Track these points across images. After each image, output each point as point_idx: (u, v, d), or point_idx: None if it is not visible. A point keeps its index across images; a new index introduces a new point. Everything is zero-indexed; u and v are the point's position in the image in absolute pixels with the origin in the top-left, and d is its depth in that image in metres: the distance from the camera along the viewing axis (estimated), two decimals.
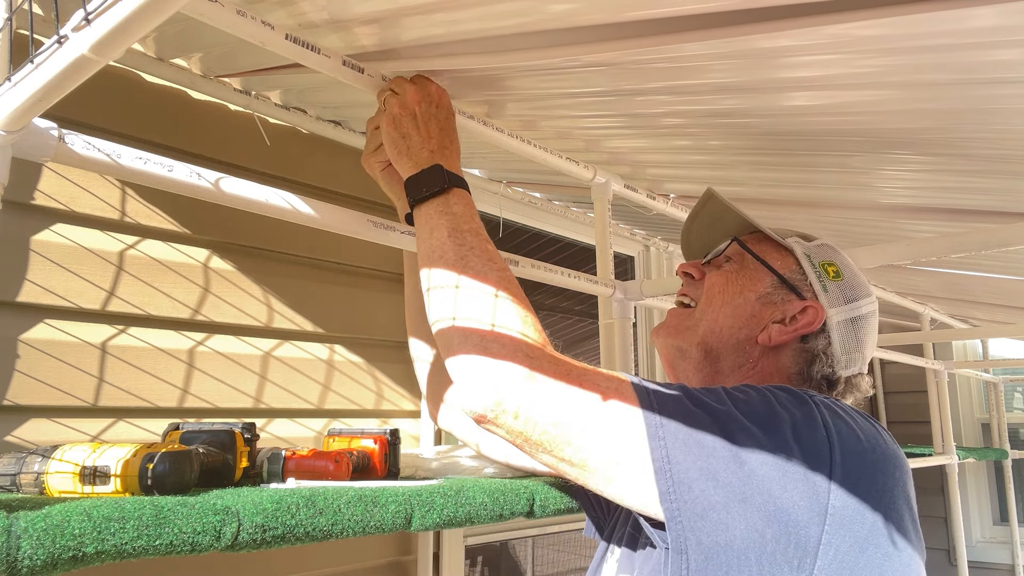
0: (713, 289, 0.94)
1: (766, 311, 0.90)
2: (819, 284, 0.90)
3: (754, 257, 0.93)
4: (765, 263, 0.92)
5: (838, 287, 0.91)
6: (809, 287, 0.90)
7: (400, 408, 1.71)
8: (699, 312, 0.94)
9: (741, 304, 0.91)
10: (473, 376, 0.71)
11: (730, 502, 0.64)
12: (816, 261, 0.92)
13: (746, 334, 0.89)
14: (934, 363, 3.23)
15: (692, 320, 0.94)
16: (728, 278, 0.94)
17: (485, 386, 0.70)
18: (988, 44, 0.87)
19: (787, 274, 0.91)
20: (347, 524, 0.79)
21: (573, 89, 1.22)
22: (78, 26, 0.53)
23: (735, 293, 0.92)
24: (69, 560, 0.57)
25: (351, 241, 1.12)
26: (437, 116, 0.95)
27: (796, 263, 0.92)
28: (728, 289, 0.93)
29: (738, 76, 1.08)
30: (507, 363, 0.70)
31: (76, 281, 1.25)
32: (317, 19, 1.02)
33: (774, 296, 0.90)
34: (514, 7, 0.92)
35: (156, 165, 0.74)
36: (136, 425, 1.29)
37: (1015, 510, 3.82)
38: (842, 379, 0.89)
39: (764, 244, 0.95)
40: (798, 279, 0.91)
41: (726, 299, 0.92)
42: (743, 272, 0.93)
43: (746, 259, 0.94)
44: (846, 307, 0.90)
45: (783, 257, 0.93)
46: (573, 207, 2.28)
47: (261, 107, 1.49)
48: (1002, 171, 1.35)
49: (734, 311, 0.91)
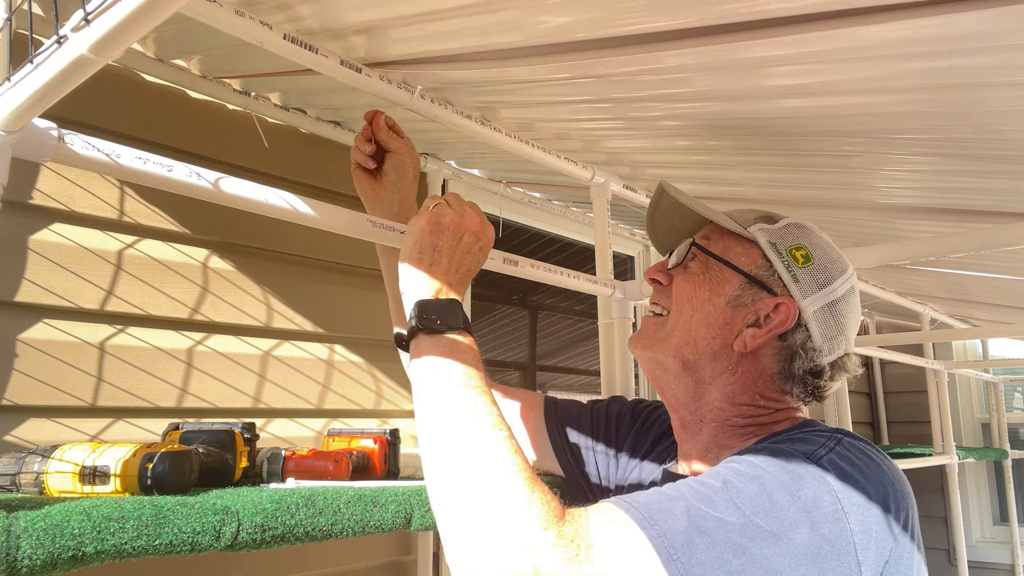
0: (681, 297, 0.90)
1: (738, 315, 0.86)
2: (788, 275, 0.85)
3: (716, 259, 0.89)
4: (729, 264, 0.88)
5: (809, 273, 0.86)
6: (779, 280, 0.85)
7: (400, 408, 1.71)
8: (671, 322, 0.90)
9: (711, 311, 0.87)
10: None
11: None
12: (783, 248, 0.87)
13: (720, 342, 0.86)
14: (934, 363, 3.23)
15: (665, 331, 0.91)
16: (695, 283, 0.89)
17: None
18: (980, 49, 0.88)
19: (754, 271, 0.87)
20: (347, 524, 0.79)
21: (567, 97, 1.22)
22: (78, 26, 0.53)
23: (704, 300, 0.88)
24: (69, 560, 0.57)
25: (351, 241, 1.12)
26: (474, 255, 0.86)
27: (762, 255, 0.87)
28: (696, 296, 0.89)
29: (725, 85, 1.09)
30: (506, 559, 0.62)
31: (75, 281, 1.25)
32: (314, 25, 1.03)
33: (743, 297, 0.86)
34: (506, 18, 0.93)
35: (155, 165, 0.74)
36: (135, 425, 1.29)
37: (1015, 510, 3.82)
38: (826, 367, 0.86)
39: (727, 238, 0.90)
40: (765, 274, 0.86)
41: (695, 307, 0.88)
42: (708, 275, 0.89)
43: (710, 260, 0.90)
44: (820, 294, 0.85)
45: (748, 251, 0.88)
46: (573, 207, 2.28)
47: (260, 107, 1.49)
48: (1002, 171, 1.35)
49: (705, 319, 0.87)
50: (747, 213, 0.92)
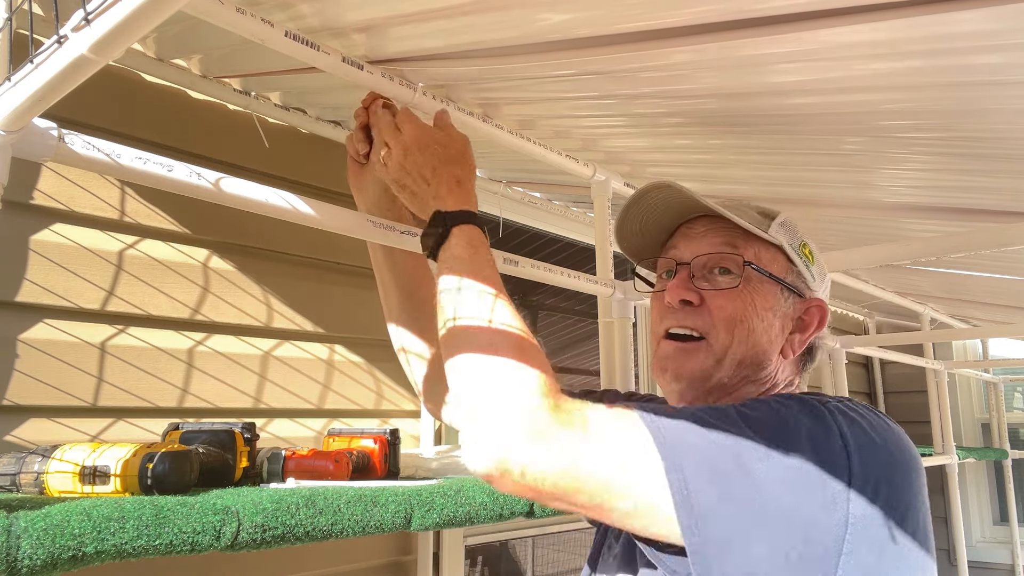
0: (732, 317, 0.83)
1: (785, 324, 0.85)
2: (808, 274, 0.86)
3: (762, 274, 0.85)
4: (773, 276, 0.85)
5: (818, 269, 0.88)
6: (805, 283, 0.86)
7: (400, 408, 1.71)
8: (718, 345, 0.83)
9: (765, 328, 0.84)
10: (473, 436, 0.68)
11: (752, 527, 0.63)
12: (797, 247, 0.87)
13: (773, 355, 0.85)
14: (934, 363, 3.23)
15: (713, 356, 0.84)
16: (739, 299, 0.84)
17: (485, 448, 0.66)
18: (982, 48, 0.88)
19: (788, 278, 0.86)
20: (347, 524, 0.79)
21: (569, 93, 1.22)
22: (78, 26, 0.53)
23: (756, 317, 0.83)
24: (69, 560, 0.57)
25: (351, 241, 1.12)
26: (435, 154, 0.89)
27: (787, 258, 0.86)
28: (747, 314, 0.83)
29: (728, 82, 1.09)
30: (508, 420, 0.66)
31: (76, 281, 1.25)
32: (315, 23, 1.03)
33: (785, 306, 0.85)
34: (506, 16, 0.92)
35: (156, 165, 0.74)
36: (136, 425, 1.29)
37: (1015, 510, 3.82)
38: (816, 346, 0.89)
39: (753, 244, 0.86)
40: (795, 278, 0.86)
41: (750, 326, 0.83)
42: (749, 287, 0.84)
43: (748, 273, 0.84)
44: (825, 286, 0.89)
45: (775, 256, 0.86)
46: (573, 207, 2.28)
47: (260, 107, 1.49)
48: (1004, 170, 1.35)
49: (760, 337, 0.83)
50: (747, 210, 0.90)
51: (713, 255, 0.86)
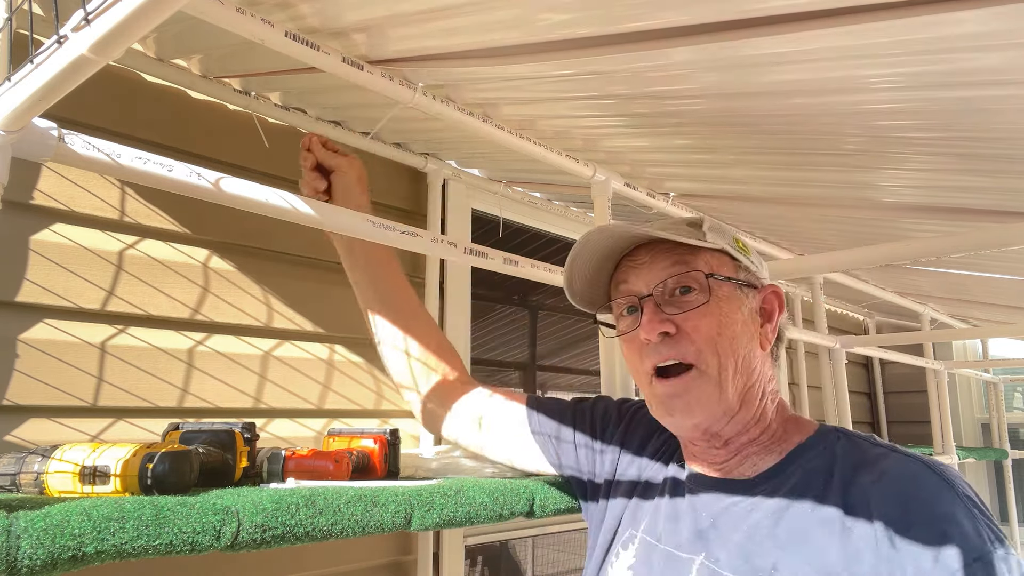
0: (710, 334, 0.83)
1: (753, 320, 0.88)
2: (752, 265, 0.90)
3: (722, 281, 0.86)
4: (731, 279, 0.87)
5: (755, 255, 0.92)
6: (753, 274, 0.90)
7: (400, 408, 1.71)
8: (711, 369, 0.83)
9: (741, 331, 0.85)
10: None
11: None
12: (733, 245, 0.89)
13: (756, 352, 0.86)
14: (934, 363, 3.23)
15: (710, 381, 0.83)
16: (714, 314, 0.84)
17: None
18: (983, 48, 0.88)
19: (741, 275, 0.88)
20: (347, 524, 0.79)
21: (569, 93, 1.22)
22: (78, 26, 0.53)
23: (731, 324, 0.84)
24: (69, 560, 0.57)
25: None
26: None
27: (731, 259, 0.88)
28: (723, 325, 0.84)
29: (728, 82, 1.09)
30: None
31: (76, 281, 1.25)
32: (315, 23, 1.02)
33: (749, 303, 0.87)
34: (507, 15, 0.92)
35: (156, 165, 0.74)
36: (136, 425, 1.29)
37: (1015, 510, 3.82)
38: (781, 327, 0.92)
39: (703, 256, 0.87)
40: (744, 273, 0.89)
41: (729, 337, 0.84)
42: (716, 298, 0.85)
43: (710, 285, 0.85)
44: (765, 267, 0.92)
45: (722, 260, 0.88)
46: (573, 207, 2.28)
47: (261, 107, 1.49)
48: (1003, 171, 1.35)
49: (740, 343, 0.85)
50: (678, 226, 0.90)
51: (672, 278, 0.85)
